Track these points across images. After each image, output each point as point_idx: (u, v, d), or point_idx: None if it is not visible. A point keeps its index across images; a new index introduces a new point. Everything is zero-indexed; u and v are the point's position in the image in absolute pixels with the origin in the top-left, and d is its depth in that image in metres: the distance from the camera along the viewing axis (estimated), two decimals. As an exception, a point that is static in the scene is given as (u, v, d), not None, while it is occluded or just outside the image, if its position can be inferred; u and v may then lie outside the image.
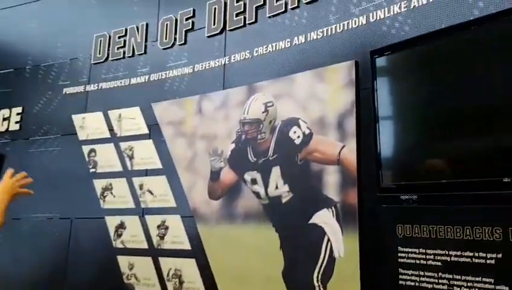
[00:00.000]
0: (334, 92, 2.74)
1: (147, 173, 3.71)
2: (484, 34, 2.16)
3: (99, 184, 3.88)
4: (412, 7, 2.54)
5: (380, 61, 2.51)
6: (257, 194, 3.01)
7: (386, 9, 2.65)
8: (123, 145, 3.88)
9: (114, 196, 3.77)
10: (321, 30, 2.95)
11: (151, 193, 3.62)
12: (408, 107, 2.43)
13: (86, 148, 4.03)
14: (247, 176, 3.06)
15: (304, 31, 3.04)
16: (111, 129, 3.97)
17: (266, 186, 2.96)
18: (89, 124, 4.06)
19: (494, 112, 2.09)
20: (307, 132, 2.79)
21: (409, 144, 2.41)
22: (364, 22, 2.74)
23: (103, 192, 3.82)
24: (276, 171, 2.92)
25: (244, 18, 3.38)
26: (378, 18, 2.68)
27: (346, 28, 2.83)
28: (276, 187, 2.91)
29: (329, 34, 2.91)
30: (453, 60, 2.26)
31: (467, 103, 2.19)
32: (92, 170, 3.95)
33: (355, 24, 2.79)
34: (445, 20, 2.40)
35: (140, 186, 3.69)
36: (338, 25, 2.87)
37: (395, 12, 2.61)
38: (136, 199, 3.70)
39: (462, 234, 2.10)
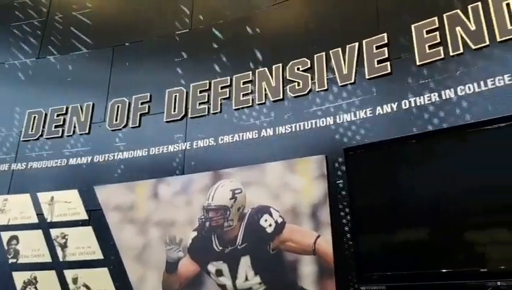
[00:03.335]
0: (306, 183, 2.85)
1: (83, 264, 3.27)
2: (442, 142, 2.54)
3: (20, 277, 3.30)
4: (377, 114, 2.88)
5: (349, 158, 2.72)
6: (223, 287, 2.84)
7: (353, 113, 2.95)
8: (54, 232, 3.43)
9: (39, 292, 3.22)
10: (289, 126, 3.13)
11: (88, 288, 3.17)
12: (381, 199, 2.62)
13: (5, 235, 3.46)
14: (212, 267, 2.89)
15: (271, 125, 3.20)
16: (40, 214, 3.51)
17: (234, 278, 2.81)
18: (11, 207, 3.55)
19: (457, 207, 2.36)
20: (280, 220, 2.80)
21: (385, 235, 2.56)
22: (331, 122, 3.00)
23: (25, 287, 3.24)
24: (245, 261, 2.81)
25: (208, 108, 3.46)
26: (344, 120, 2.96)
27: (314, 126, 3.05)
28: (246, 279, 2.78)
29: (297, 129, 3.10)
30: (420, 158, 2.57)
31: (432, 198, 2.45)
32: (11, 261, 3.37)
33: (322, 123, 3.03)
34: (401, 129, 2.74)
35: (74, 280, 3.22)
36: (306, 122, 3.09)
37: (361, 116, 2.92)
38: (67, 296, 3.19)
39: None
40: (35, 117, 3.98)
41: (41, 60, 4.28)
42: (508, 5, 2.51)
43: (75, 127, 3.86)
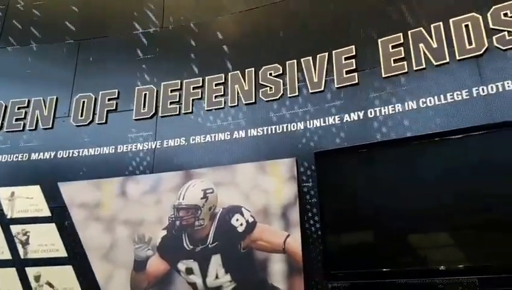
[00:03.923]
0: (277, 184, 2.96)
1: (46, 262, 3.19)
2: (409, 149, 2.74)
3: (-23, 276, 3.16)
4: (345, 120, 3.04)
5: (319, 161, 2.87)
6: (193, 285, 2.88)
7: (322, 119, 3.09)
8: (15, 228, 3.32)
9: (-2, 291, 3.10)
10: (261, 128, 3.23)
11: (52, 286, 3.10)
12: (347, 202, 2.78)
13: (-40, 231, 3.30)
14: (182, 265, 2.93)
15: (243, 127, 3.28)
16: (-1, 209, 3.39)
17: (204, 276, 2.87)
18: (-33, 202, 3.39)
19: (414, 212, 2.57)
20: (251, 220, 2.89)
21: (351, 235, 2.72)
22: (302, 127, 3.13)
23: (-18, 286, 3.11)
24: (216, 260, 2.87)
25: (180, 107, 3.49)
26: (314, 125, 3.10)
27: (285, 130, 3.16)
28: (217, 277, 2.85)
29: (269, 133, 3.20)
30: (382, 165, 2.75)
31: (393, 202, 2.65)
32: (-33, 259, 3.22)
33: (293, 127, 3.15)
34: (366, 136, 2.92)
35: (37, 278, 3.13)
36: (277, 126, 3.20)
37: (330, 122, 3.07)
38: (28, 294, 3.10)
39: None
40: (-6, 109, 3.82)
41: (1, 50, 4.10)
42: (466, 26, 2.76)
43: (37, 121, 3.75)
